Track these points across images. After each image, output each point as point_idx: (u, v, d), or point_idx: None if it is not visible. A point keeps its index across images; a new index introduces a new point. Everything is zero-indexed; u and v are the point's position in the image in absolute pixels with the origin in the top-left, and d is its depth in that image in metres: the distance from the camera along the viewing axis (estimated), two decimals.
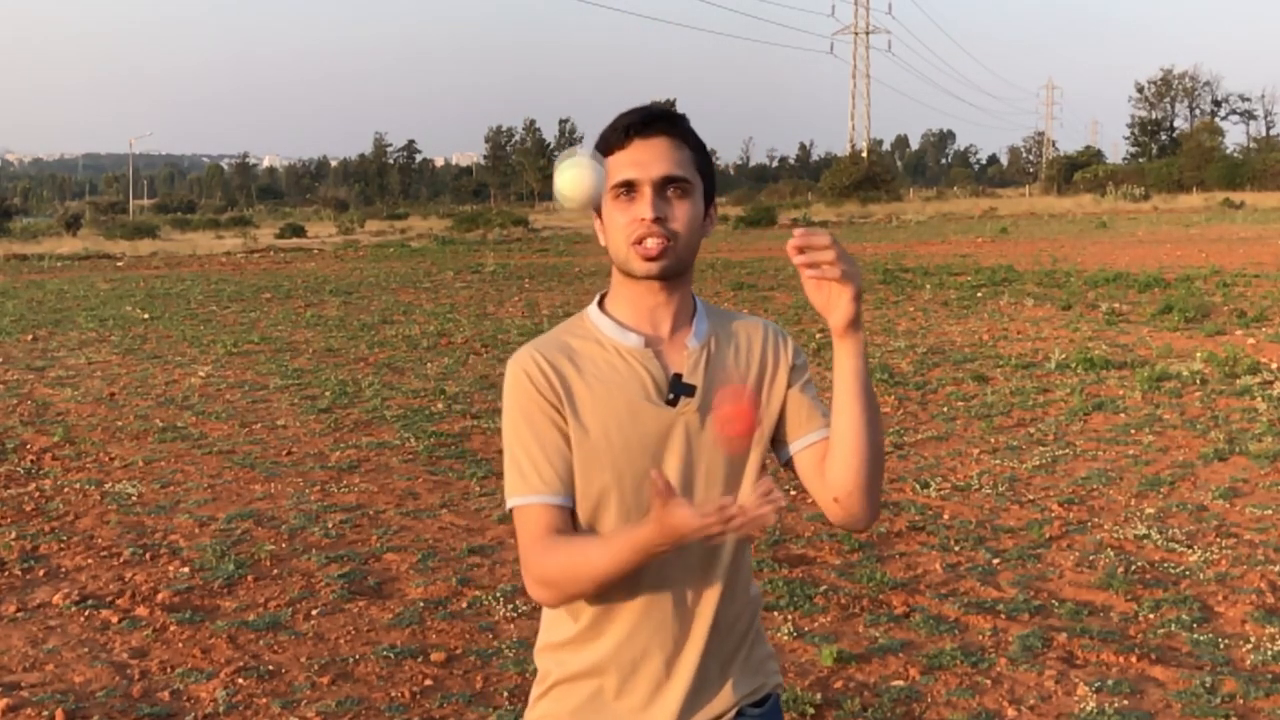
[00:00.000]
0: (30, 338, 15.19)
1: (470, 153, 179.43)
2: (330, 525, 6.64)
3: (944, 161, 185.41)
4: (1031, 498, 6.99)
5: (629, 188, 1.83)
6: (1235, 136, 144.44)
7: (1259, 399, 9.45)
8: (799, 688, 4.40)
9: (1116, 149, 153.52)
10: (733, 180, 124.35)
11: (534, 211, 69.76)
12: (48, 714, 4.30)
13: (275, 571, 5.89)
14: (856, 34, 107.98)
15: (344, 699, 4.43)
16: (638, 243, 1.82)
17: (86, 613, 5.35)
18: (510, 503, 1.85)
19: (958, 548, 6.07)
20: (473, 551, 6.14)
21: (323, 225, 58.40)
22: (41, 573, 5.94)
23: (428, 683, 4.56)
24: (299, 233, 47.79)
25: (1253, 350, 11.65)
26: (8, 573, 5.94)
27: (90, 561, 6.10)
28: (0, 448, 8.77)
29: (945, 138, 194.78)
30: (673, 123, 1.86)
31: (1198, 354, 11.28)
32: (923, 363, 11.71)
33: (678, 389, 1.86)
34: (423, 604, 5.40)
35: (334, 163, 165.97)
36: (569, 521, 1.84)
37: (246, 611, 5.34)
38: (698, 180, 1.87)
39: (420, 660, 4.78)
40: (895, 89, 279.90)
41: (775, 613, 5.14)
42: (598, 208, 1.87)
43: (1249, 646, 4.74)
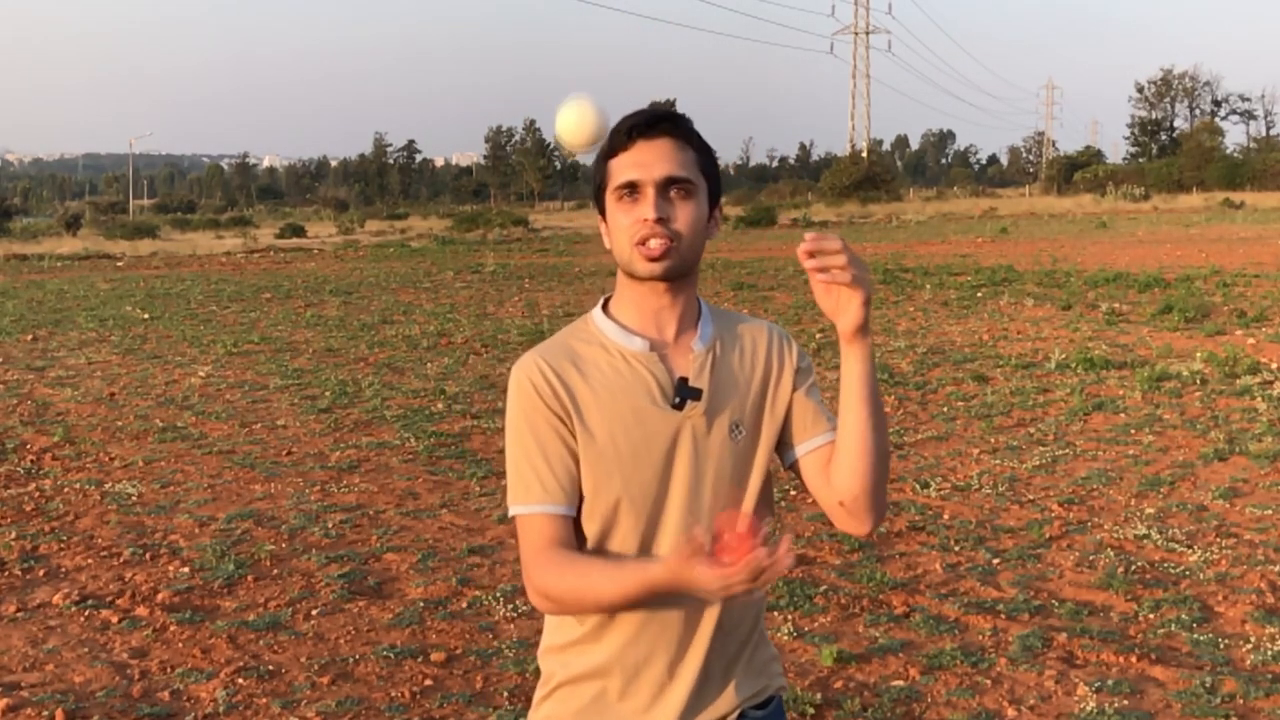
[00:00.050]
0: (30, 338, 15.19)
1: (470, 153, 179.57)
2: (330, 525, 6.64)
3: (944, 161, 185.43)
4: (1031, 498, 6.99)
5: (632, 189, 1.83)
6: (1235, 136, 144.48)
7: (1259, 399, 9.45)
8: (799, 688, 4.40)
9: (1116, 149, 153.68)
10: (733, 180, 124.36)
11: (534, 211, 69.76)
12: (48, 714, 4.30)
13: (275, 571, 5.89)
14: (856, 34, 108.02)
15: (344, 699, 4.43)
16: (641, 243, 1.82)
17: (86, 613, 5.35)
18: (512, 511, 1.86)
19: (958, 548, 6.08)
20: (473, 551, 6.14)
21: (323, 225, 58.42)
22: (41, 573, 5.95)
23: (428, 683, 4.57)
24: (299, 233, 47.80)
25: (1253, 350, 11.65)
26: (8, 573, 5.95)
27: (90, 561, 6.10)
28: (0, 448, 8.77)
29: (945, 138, 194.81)
30: (676, 124, 1.85)
31: (1198, 354, 11.29)
32: (923, 363, 11.71)
33: (683, 393, 1.86)
34: (423, 604, 5.40)
35: (334, 163, 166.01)
36: (571, 532, 1.84)
37: (246, 611, 5.34)
38: (701, 182, 1.86)
39: (420, 660, 4.78)
40: (895, 89, 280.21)
41: (775, 613, 5.14)
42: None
43: (1249, 646, 4.74)
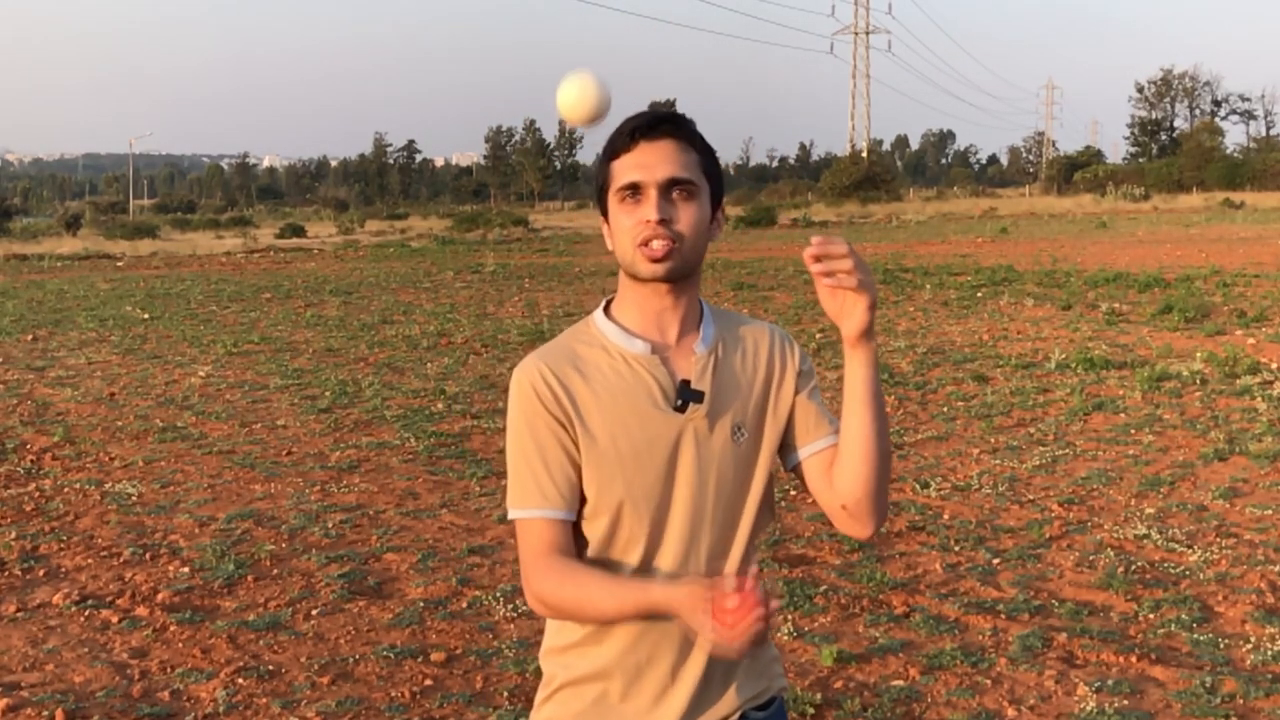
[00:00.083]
0: (30, 338, 15.19)
1: (470, 153, 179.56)
2: (330, 525, 6.64)
3: (944, 161, 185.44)
4: (1031, 498, 6.99)
5: (634, 190, 1.83)
6: (1235, 136, 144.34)
7: (1259, 399, 9.45)
8: (799, 688, 4.40)
9: (1116, 149, 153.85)
10: (733, 180, 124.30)
11: (534, 211, 69.76)
12: (48, 714, 4.30)
13: (275, 571, 5.89)
14: (856, 34, 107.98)
15: (344, 699, 4.43)
16: (643, 244, 1.82)
17: (86, 613, 5.35)
18: (512, 514, 1.87)
19: (958, 548, 6.08)
20: (473, 551, 6.14)
21: (323, 225, 58.41)
22: (41, 573, 5.95)
23: (428, 683, 4.57)
24: (299, 233, 47.80)
25: (1253, 350, 11.65)
26: (8, 573, 5.95)
27: (90, 561, 6.10)
28: (0, 448, 8.77)
29: (945, 138, 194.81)
30: (678, 125, 1.85)
31: (1198, 354, 11.29)
32: (923, 363, 11.71)
33: (686, 395, 1.85)
34: (423, 604, 5.40)
35: (334, 163, 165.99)
36: (570, 536, 1.84)
37: (246, 611, 5.34)
38: (704, 183, 1.86)
39: (420, 660, 4.78)
40: (895, 89, 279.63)
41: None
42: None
43: (1249, 646, 4.74)
